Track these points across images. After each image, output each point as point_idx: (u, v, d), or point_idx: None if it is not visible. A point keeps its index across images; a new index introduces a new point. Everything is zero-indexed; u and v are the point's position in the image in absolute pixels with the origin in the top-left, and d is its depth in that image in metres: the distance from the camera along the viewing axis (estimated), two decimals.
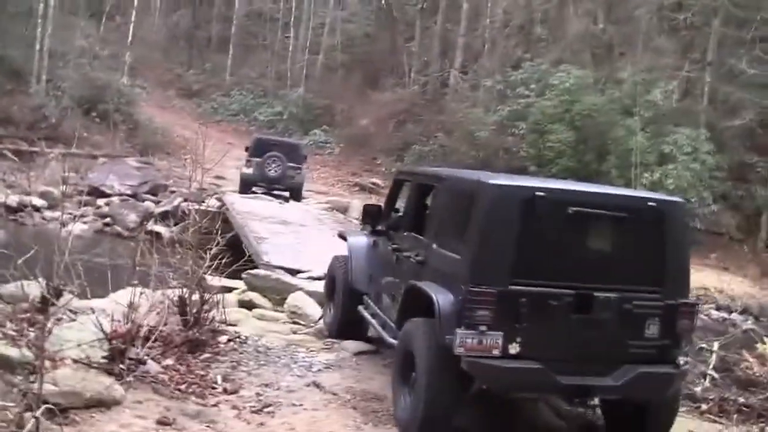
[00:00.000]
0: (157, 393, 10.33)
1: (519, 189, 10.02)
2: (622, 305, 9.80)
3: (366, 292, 13.81)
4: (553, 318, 9.67)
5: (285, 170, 35.11)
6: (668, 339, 10.01)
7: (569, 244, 9.95)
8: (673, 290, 10.10)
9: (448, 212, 11.08)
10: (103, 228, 31.83)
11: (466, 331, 9.42)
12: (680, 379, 10.37)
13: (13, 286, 12.09)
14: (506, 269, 9.58)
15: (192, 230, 13.95)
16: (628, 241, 10.18)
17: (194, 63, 70.44)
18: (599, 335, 9.81)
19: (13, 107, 43.10)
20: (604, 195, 11.00)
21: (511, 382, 9.73)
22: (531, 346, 9.56)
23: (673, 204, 10.66)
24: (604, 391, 10.05)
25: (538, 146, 40.85)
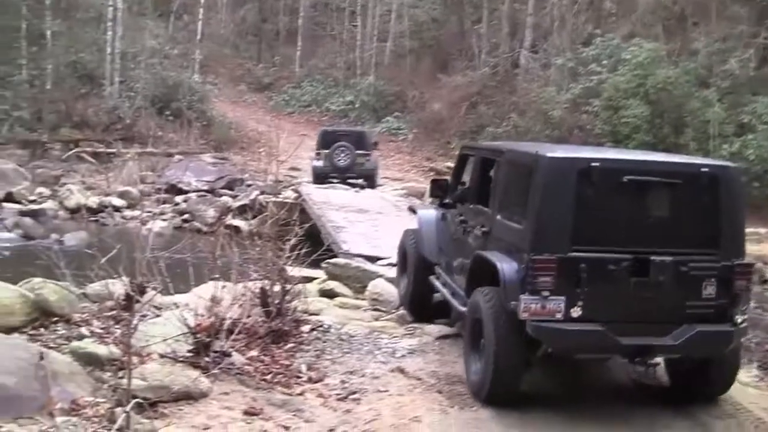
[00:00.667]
0: (242, 384, 10.43)
1: (575, 160, 10.50)
2: (679, 267, 10.18)
3: (436, 262, 14.24)
4: (613, 282, 10.10)
5: (354, 158, 35.26)
6: (725, 299, 10.34)
7: (625, 210, 10.37)
8: (728, 252, 10.42)
9: (510, 184, 11.53)
10: (182, 224, 32.11)
11: (530, 296, 9.95)
12: (738, 337, 10.62)
13: (98, 285, 12.31)
14: (566, 237, 10.08)
15: (270, 222, 14.05)
16: (683, 206, 10.57)
17: (263, 56, 70.62)
18: (657, 297, 10.19)
19: (89, 110, 43.72)
20: (658, 162, 11.46)
21: (574, 344, 10.27)
22: (592, 309, 10.03)
23: (726, 169, 10.99)
24: (663, 350, 10.44)
25: (613, 122, 40.45)
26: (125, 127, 43.35)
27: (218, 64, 66.50)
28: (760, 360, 13.42)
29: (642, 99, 39.56)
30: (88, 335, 11.17)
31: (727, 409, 11.06)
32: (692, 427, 10.48)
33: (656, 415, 10.73)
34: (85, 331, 11.33)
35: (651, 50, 40.87)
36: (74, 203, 32.14)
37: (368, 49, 62.56)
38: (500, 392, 10.56)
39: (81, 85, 46.01)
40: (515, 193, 11.18)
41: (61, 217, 31.84)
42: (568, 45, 49.02)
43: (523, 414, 10.39)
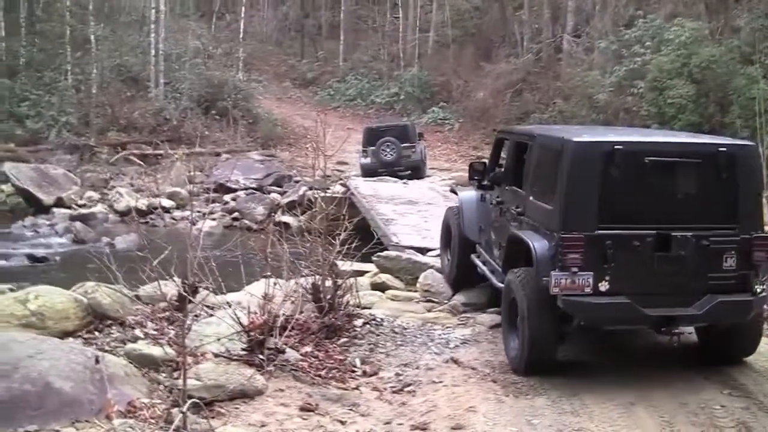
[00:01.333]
0: (297, 380, 10.48)
1: (599, 144, 11.18)
2: (700, 242, 10.83)
3: (477, 241, 15.02)
4: (637, 257, 10.76)
5: (400, 152, 35.99)
6: (745, 270, 10.96)
7: (648, 189, 11.03)
8: (747, 226, 11.04)
9: (541, 167, 12.17)
10: (231, 223, 32.29)
11: (560, 273, 10.61)
12: (759, 305, 11.30)
13: (151, 287, 12.37)
14: (592, 216, 10.76)
15: (319, 218, 14.06)
16: (703, 183, 11.22)
17: (307, 52, 70.77)
18: (680, 270, 10.86)
19: (135, 113, 43.93)
20: (678, 144, 12.13)
21: (602, 316, 10.98)
22: (619, 282, 10.70)
23: (743, 147, 11.61)
24: (687, 320, 11.24)
25: (659, 103, 40.20)
26: (172, 129, 43.52)
27: (262, 61, 66.72)
28: None
29: (687, 78, 39.32)
30: (142, 337, 11.28)
31: None
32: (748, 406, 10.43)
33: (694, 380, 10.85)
34: (139, 333, 11.45)
35: (694, 29, 40.64)
36: (124, 206, 32.34)
37: (411, 40, 62.55)
38: (537, 364, 11.24)
39: (126, 88, 46.27)
40: (546, 175, 11.83)
41: (111, 221, 32.08)
42: (610, 27, 48.80)
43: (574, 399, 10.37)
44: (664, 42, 41.39)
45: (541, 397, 10.46)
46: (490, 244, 14.31)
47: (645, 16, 45.84)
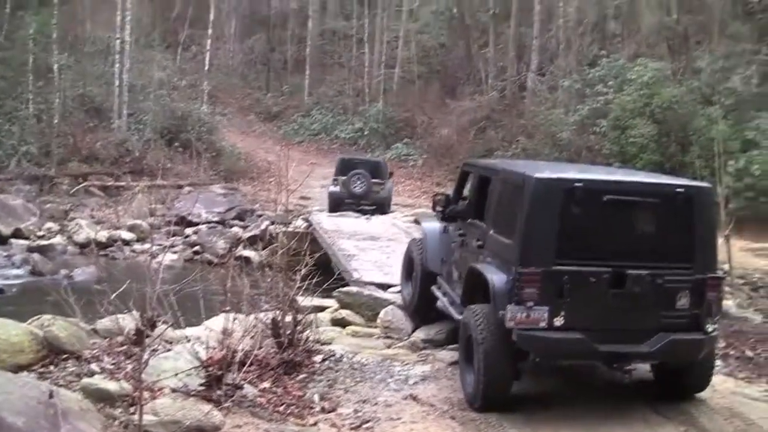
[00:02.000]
0: (255, 416, 10.41)
1: (560, 181, 11.35)
2: (654, 280, 11.07)
3: (439, 273, 15.17)
4: (593, 293, 10.98)
5: (369, 186, 35.95)
6: (698, 309, 11.28)
7: (606, 227, 11.30)
8: (702, 266, 11.38)
9: (502, 201, 12.41)
10: (192, 257, 32.07)
11: (516, 306, 10.84)
12: (710, 345, 11.62)
13: (108, 320, 12.30)
14: (550, 252, 10.97)
15: (281, 252, 14.02)
16: (660, 223, 11.56)
17: (272, 86, 70.72)
18: (634, 307, 11.10)
19: (97, 144, 43.73)
20: (636, 183, 12.35)
21: (556, 351, 11.14)
22: (573, 318, 10.93)
23: (700, 189, 11.90)
24: (639, 357, 11.51)
25: (621, 142, 40.52)
26: (134, 160, 43.34)
27: (227, 94, 66.63)
28: None
29: (648, 118, 39.72)
30: (98, 371, 11.16)
31: (738, 425, 11.12)
32: None
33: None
34: (96, 368, 11.32)
35: (656, 69, 41.08)
36: (83, 238, 32.05)
37: (376, 75, 62.67)
38: (492, 400, 11.39)
39: (89, 119, 46.06)
40: (507, 209, 12.06)
41: (70, 252, 31.77)
42: (574, 66, 49.17)
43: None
44: (627, 82, 41.81)
45: None
46: (451, 276, 14.45)
47: (608, 56, 46.30)
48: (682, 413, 11.50)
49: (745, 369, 13.93)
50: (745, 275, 27.17)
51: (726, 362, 14.21)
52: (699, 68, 42.91)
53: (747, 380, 13.42)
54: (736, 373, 13.70)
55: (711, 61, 41.53)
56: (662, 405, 11.82)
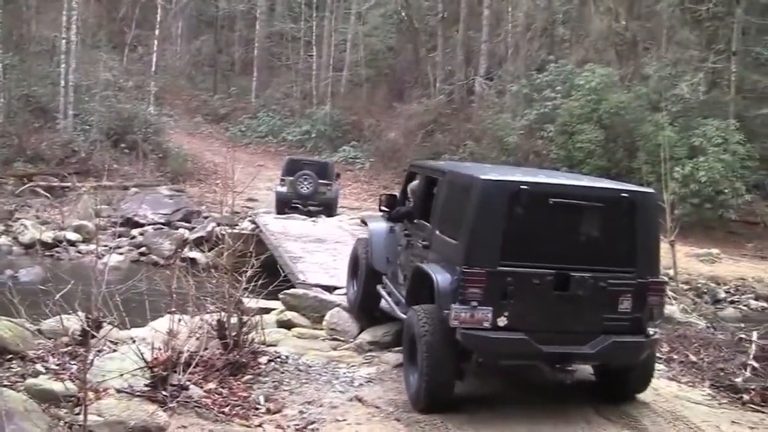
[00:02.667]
0: (201, 417, 10.40)
1: (506, 183, 11.46)
2: (597, 283, 11.21)
3: (384, 272, 15.28)
4: (536, 295, 11.09)
5: (316, 187, 36.58)
6: (639, 313, 11.44)
7: (551, 230, 11.40)
8: (644, 270, 11.54)
9: (448, 202, 12.50)
10: (138, 258, 31.90)
11: (461, 306, 10.91)
12: (650, 347, 11.82)
13: (53, 321, 12.25)
14: (495, 253, 11.03)
15: (227, 254, 14.00)
16: (604, 227, 11.67)
17: (219, 88, 70.50)
18: (577, 309, 11.23)
19: (42, 144, 43.36)
20: (581, 187, 12.35)
21: (499, 351, 11.20)
22: (517, 319, 11.01)
23: (643, 194, 12.09)
24: (581, 358, 11.55)
25: (568, 147, 40.81)
26: (80, 161, 43.00)
27: (174, 95, 66.36)
28: (712, 379, 13.71)
29: (596, 124, 40.06)
30: (43, 372, 11.10)
31: (681, 429, 11.23)
32: None
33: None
34: (41, 368, 11.26)
35: (604, 75, 41.42)
36: (29, 238, 31.76)
37: (324, 78, 62.68)
38: (435, 400, 11.43)
39: (34, 119, 45.71)
40: (453, 210, 12.15)
41: (15, 253, 31.49)
42: (522, 71, 49.44)
43: None
44: (575, 87, 42.15)
45: None
46: (397, 276, 14.58)
47: (557, 61, 46.69)
48: (625, 416, 11.59)
49: (689, 373, 14.06)
50: (690, 281, 27.46)
51: (670, 366, 14.36)
52: (647, 74, 43.36)
53: (690, 384, 13.55)
54: (679, 377, 13.83)
55: (659, 67, 41.97)
56: (605, 407, 11.92)
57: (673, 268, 23.98)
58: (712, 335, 16.65)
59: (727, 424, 11.67)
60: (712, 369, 14.13)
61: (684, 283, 26.09)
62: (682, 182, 35.48)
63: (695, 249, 33.13)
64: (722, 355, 14.85)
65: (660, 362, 14.38)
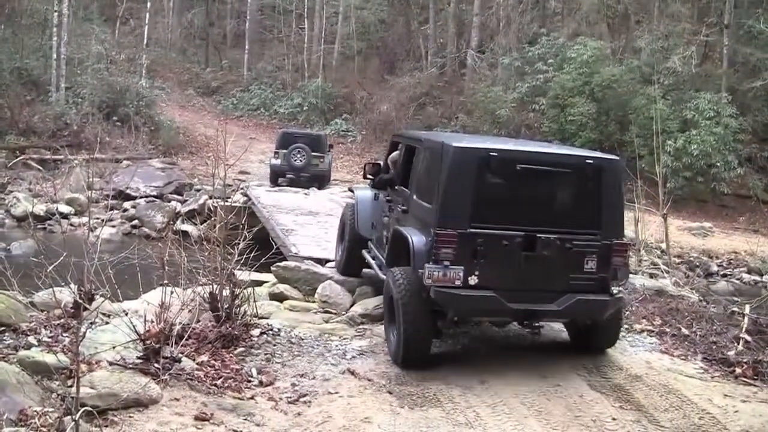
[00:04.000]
0: (193, 389, 10.42)
1: (476, 150, 12.19)
2: (564, 244, 11.91)
3: (369, 237, 16.36)
4: (505, 255, 11.79)
5: (309, 159, 37.74)
6: (604, 272, 12.12)
7: (519, 194, 12.16)
8: (608, 232, 12.22)
9: (425, 169, 13.22)
10: (131, 230, 31.91)
11: (434, 265, 11.64)
12: (614, 305, 12.41)
13: (46, 293, 12.25)
14: (466, 215, 11.77)
15: (219, 227, 14.01)
16: (570, 191, 12.51)
17: (211, 60, 70.37)
18: (544, 269, 11.93)
19: (35, 117, 43.29)
20: (548, 154, 13.12)
21: (470, 307, 12.01)
22: (487, 278, 11.73)
23: (608, 161, 12.74)
24: (548, 315, 12.34)
25: (560, 120, 40.86)
26: (72, 134, 42.88)
27: (165, 68, 66.21)
28: (705, 352, 13.74)
29: (588, 97, 40.09)
30: (35, 344, 11.11)
31: (673, 401, 11.26)
32: (639, 419, 10.63)
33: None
34: (33, 340, 11.27)
35: (596, 48, 41.43)
36: (21, 211, 31.71)
37: (316, 51, 62.56)
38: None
39: (26, 92, 45.62)
40: (429, 176, 12.85)
41: (7, 226, 31.47)
42: (514, 44, 49.44)
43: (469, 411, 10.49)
44: (567, 60, 42.16)
45: (436, 408, 10.57)
46: (381, 240, 15.44)
47: (548, 34, 46.65)
48: (618, 390, 11.64)
49: (681, 347, 14.09)
50: (682, 254, 27.51)
51: (662, 340, 14.40)
52: (639, 48, 43.35)
53: (682, 357, 13.57)
54: (671, 351, 13.86)
55: (651, 40, 41.94)
56: (597, 381, 12.00)
57: (665, 241, 24.00)
58: (704, 308, 16.67)
59: (719, 397, 11.68)
60: (705, 342, 14.16)
61: (676, 257, 26.12)
62: (675, 155, 35.55)
63: (687, 222, 33.21)
64: (714, 328, 14.88)
65: (652, 335, 14.61)
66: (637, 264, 22.14)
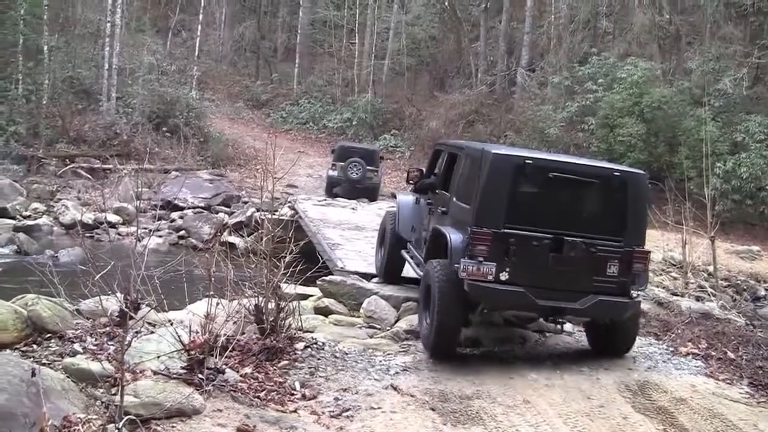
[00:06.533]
0: (236, 401, 10.43)
1: (512, 157, 13.49)
2: (589, 248, 13.00)
3: (409, 239, 17.32)
4: (535, 255, 12.91)
5: (365, 172, 39.20)
6: (625, 277, 13.21)
7: (550, 199, 13.29)
8: (631, 240, 13.31)
9: (465, 173, 14.36)
10: (178, 241, 32.11)
11: (469, 260, 12.76)
12: (633, 308, 13.62)
13: (92, 301, 12.31)
14: (500, 216, 12.92)
15: (265, 239, 14.05)
16: (597, 200, 13.72)
17: (261, 73, 70.54)
18: (569, 270, 13.02)
19: (85, 126, 43.65)
20: (579, 165, 14.41)
21: (500, 301, 13.23)
22: (517, 275, 12.85)
23: (634, 174, 13.95)
24: (571, 312, 13.32)
25: (609, 141, 40.63)
26: (122, 143, 43.19)
27: (216, 80, 66.47)
28: (751, 377, 13.64)
29: (637, 117, 39.83)
30: (81, 352, 11.18)
31: (718, 426, 11.18)
32: None
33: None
34: (79, 348, 11.34)
35: (646, 69, 41.20)
36: (69, 219, 31.92)
37: (366, 66, 62.58)
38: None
39: (78, 101, 45.97)
40: (468, 180, 14.00)
41: (56, 233, 31.69)
42: (564, 63, 49.23)
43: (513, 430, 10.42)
44: (617, 80, 41.90)
45: (479, 426, 10.54)
46: (420, 241, 16.46)
47: (599, 54, 46.37)
48: (662, 412, 11.58)
49: (727, 371, 14.01)
50: (729, 277, 27.25)
51: (707, 363, 14.33)
52: (689, 69, 43.07)
53: (728, 382, 13.51)
54: (717, 375, 13.79)
55: (702, 62, 41.65)
56: (641, 403, 11.93)
57: (712, 264, 23.83)
58: (751, 333, 16.58)
59: (765, 422, 11.61)
60: (751, 367, 14.09)
61: (723, 280, 25.89)
62: (724, 178, 35.28)
63: (735, 246, 32.90)
64: (761, 353, 14.79)
65: (698, 359, 14.60)
66: (684, 286, 22.00)
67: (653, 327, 16.69)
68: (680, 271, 24.02)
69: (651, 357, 14.69)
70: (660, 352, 14.99)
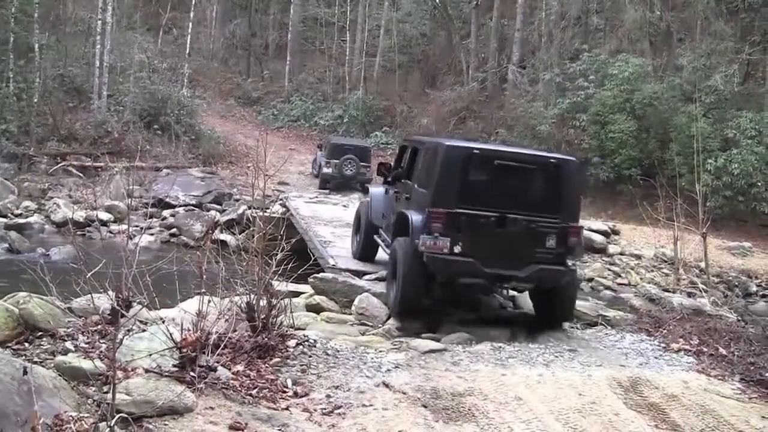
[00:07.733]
0: (228, 399, 10.40)
1: (462, 148, 16.00)
2: (529, 225, 15.31)
3: (380, 225, 19.73)
4: (482, 230, 15.26)
5: (358, 169, 41.93)
6: (562, 249, 15.59)
7: (496, 183, 15.62)
8: (566, 217, 15.65)
9: (425, 164, 16.80)
10: (169, 239, 32.05)
11: (427, 236, 15.10)
12: (569, 275, 15.85)
13: (84, 299, 12.29)
14: (453, 198, 15.32)
15: (257, 237, 14.03)
16: (536, 184, 15.93)
17: (252, 71, 70.55)
18: (513, 243, 15.31)
19: (76, 124, 43.61)
20: (520, 153, 16.83)
21: (453, 270, 15.29)
22: (468, 247, 15.19)
23: (567, 160, 16.20)
24: (516, 279, 15.69)
25: (600, 137, 40.71)
26: (113, 141, 43.08)
27: (207, 78, 66.40)
28: (743, 373, 13.65)
29: (628, 114, 39.94)
30: (72, 350, 11.13)
31: (710, 422, 11.17)
32: None
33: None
34: (70, 346, 11.29)
35: (637, 65, 41.28)
36: (61, 217, 31.87)
37: (357, 63, 62.66)
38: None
39: (69, 99, 45.88)
40: (427, 169, 16.39)
41: (47, 231, 31.61)
42: (555, 60, 49.31)
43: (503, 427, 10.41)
44: (608, 77, 42.02)
45: (471, 423, 10.51)
46: (389, 226, 18.41)
47: (590, 51, 46.44)
48: (654, 409, 11.55)
49: (718, 367, 14.04)
50: (721, 273, 27.34)
51: (699, 359, 14.38)
52: (681, 65, 43.15)
53: (720, 378, 13.52)
54: (709, 371, 13.81)
55: (693, 58, 41.74)
56: (633, 400, 11.91)
57: (704, 260, 23.88)
58: (742, 329, 16.64)
59: (756, 418, 11.60)
60: (743, 363, 14.12)
61: (715, 276, 25.97)
62: (715, 174, 35.35)
63: (727, 242, 32.97)
64: (753, 349, 14.84)
65: (689, 355, 14.71)
66: (676, 283, 22.05)
67: (645, 323, 16.79)
68: (672, 267, 24.08)
69: (643, 353, 14.73)
70: (652, 349, 15.07)
